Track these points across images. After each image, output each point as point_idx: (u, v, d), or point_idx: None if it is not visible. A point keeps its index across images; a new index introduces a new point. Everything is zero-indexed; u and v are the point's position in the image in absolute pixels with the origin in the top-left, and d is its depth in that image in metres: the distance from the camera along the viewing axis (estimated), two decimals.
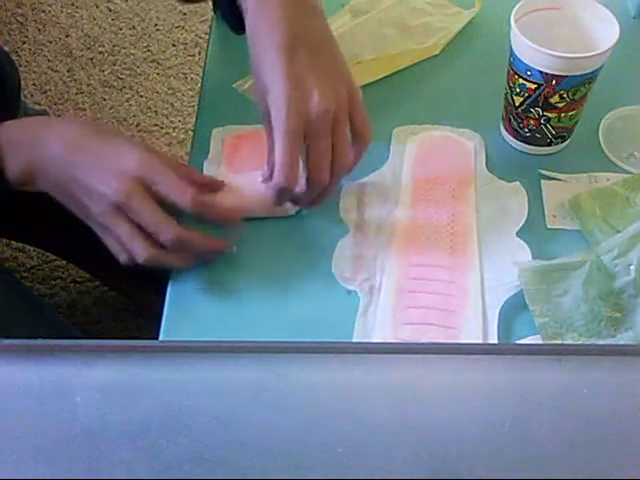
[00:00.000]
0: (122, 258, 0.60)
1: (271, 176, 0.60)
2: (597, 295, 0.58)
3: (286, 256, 0.64)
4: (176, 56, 1.74)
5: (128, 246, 0.59)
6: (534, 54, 0.63)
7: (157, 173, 0.58)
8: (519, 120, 0.69)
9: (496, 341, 0.57)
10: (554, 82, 0.63)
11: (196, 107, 0.78)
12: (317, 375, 0.35)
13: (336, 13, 0.84)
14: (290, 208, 0.65)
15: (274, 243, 0.65)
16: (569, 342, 0.56)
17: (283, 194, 0.60)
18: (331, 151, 0.59)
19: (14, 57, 1.52)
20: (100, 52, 1.75)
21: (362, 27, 0.82)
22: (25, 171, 0.60)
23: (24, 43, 1.77)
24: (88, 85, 1.69)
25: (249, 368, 0.35)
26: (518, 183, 0.67)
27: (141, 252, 0.58)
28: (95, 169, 0.58)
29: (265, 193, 0.61)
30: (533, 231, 0.65)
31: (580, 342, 0.57)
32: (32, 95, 1.65)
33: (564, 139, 0.70)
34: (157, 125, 1.60)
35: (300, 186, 0.60)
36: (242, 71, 0.76)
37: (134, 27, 1.81)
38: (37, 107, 1.60)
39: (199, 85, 0.85)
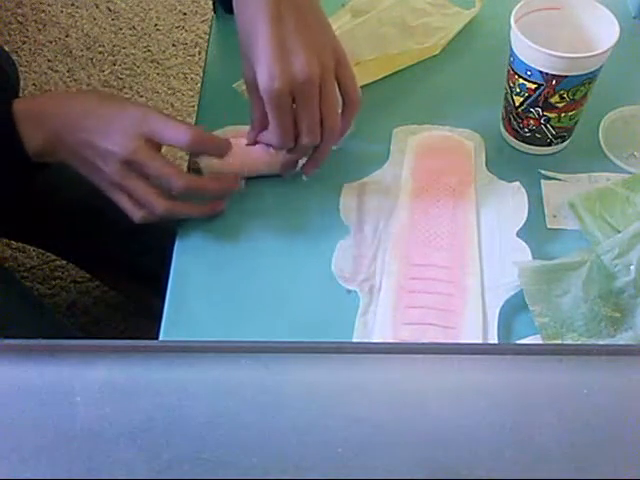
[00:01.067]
0: (137, 216, 0.62)
1: (255, 142, 0.65)
2: (597, 295, 0.58)
3: (286, 256, 0.64)
4: (176, 56, 1.74)
5: (144, 200, 0.61)
6: (534, 54, 0.63)
7: (157, 123, 0.61)
8: (519, 120, 0.69)
9: (496, 341, 0.57)
10: (554, 82, 0.63)
11: (196, 107, 0.78)
12: (317, 375, 0.35)
13: (336, 13, 0.84)
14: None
15: (274, 243, 0.65)
16: (569, 342, 0.56)
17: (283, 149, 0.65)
18: (319, 113, 0.62)
19: (14, 57, 1.52)
20: (100, 52, 1.75)
21: (362, 27, 0.82)
22: (48, 140, 0.62)
23: (24, 43, 1.77)
24: (88, 85, 1.69)
25: (249, 368, 0.35)
26: (518, 183, 0.67)
27: (157, 204, 0.61)
28: (106, 132, 0.61)
29: (259, 152, 0.66)
30: (533, 231, 0.64)
31: (580, 342, 0.56)
32: (32, 95, 1.65)
33: (564, 139, 0.70)
34: None
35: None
36: (242, 71, 0.76)
37: (134, 27, 1.81)
38: None
39: (199, 85, 0.85)
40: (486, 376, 0.35)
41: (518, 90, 0.66)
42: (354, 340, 0.58)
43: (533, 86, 0.65)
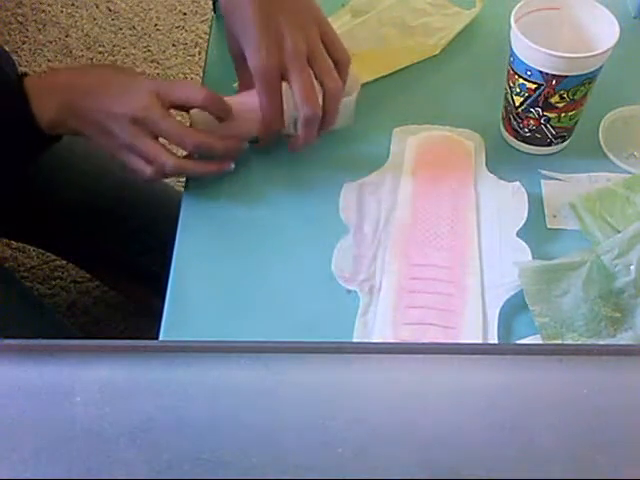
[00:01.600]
0: (148, 172, 0.64)
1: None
2: (597, 295, 0.58)
3: (286, 256, 0.64)
4: (176, 56, 1.74)
5: (154, 157, 0.63)
6: (534, 54, 0.63)
7: (170, 84, 0.64)
8: (519, 120, 0.69)
9: (496, 341, 0.57)
10: (554, 82, 0.63)
11: None
12: (317, 375, 0.35)
13: (336, 13, 0.84)
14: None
15: (274, 243, 0.65)
16: (569, 342, 0.56)
17: (270, 129, 0.67)
18: (314, 81, 0.64)
19: (14, 57, 1.52)
20: (100, 52, 1.75)
21: (362, 27, 0.82)
22: (60, 111, 0.64)
23: (24, 43, 1.77)
24: None
25: (249, 368, 0.35)
26: (518, 183, 0.67)
27: (167, 159, 0.63)
28: (119, 97, 0.63)
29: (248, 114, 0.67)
30: (533, 231, 0.64)
31: (580, 342, 0.56)
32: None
33: (564, 139, 0.70)
34: None
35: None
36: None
37: (134, 27, 1.80)
38: None
39: None
40: (486, 376, 0.35)
41: (518, 90, 0.66)
42: (354, 340, 0.58)
43: (533, 86, 0.65)
